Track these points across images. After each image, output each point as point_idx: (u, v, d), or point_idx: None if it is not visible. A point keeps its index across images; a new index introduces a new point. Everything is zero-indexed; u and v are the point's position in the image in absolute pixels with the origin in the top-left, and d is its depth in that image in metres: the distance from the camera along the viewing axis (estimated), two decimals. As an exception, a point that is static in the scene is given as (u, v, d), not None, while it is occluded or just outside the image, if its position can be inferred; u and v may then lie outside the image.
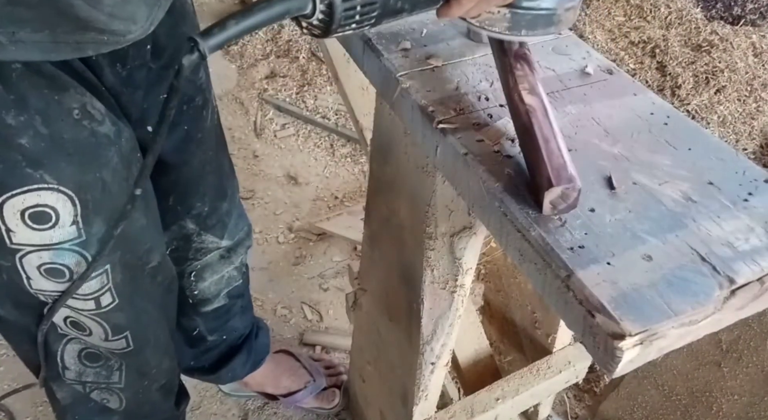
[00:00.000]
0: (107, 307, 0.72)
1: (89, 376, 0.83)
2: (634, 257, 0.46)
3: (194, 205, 0.92)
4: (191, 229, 0.94)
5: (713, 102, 2.00)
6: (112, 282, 0.70)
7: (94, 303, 0.70)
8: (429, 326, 0.77)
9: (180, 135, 0.82)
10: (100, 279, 0.69)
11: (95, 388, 0.85)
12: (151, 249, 0.75)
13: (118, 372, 0.84)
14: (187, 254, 0.97)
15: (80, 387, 0.84)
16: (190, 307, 1.05)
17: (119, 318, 0.74)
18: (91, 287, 0.69)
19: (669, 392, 1.07)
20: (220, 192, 0.96)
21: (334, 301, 1.58)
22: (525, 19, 0.51)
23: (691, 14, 2.28)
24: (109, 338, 0.76)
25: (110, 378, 0.84)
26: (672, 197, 0.52)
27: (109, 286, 0.70)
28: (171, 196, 0.88)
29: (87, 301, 0.70)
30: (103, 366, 0.82)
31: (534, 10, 0.51)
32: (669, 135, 0.58)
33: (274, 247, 1.70)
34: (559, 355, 0.99)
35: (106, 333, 0.75)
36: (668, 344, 0.44)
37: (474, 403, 0.92)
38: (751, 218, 0.50)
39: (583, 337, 0.45)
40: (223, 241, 1.00)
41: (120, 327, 0.76)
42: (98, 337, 0.75)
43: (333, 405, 1.34)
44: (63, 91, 0.59)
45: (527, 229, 0.48)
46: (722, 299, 0.45)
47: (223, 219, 0.98)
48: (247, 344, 1.20)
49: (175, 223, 0.92)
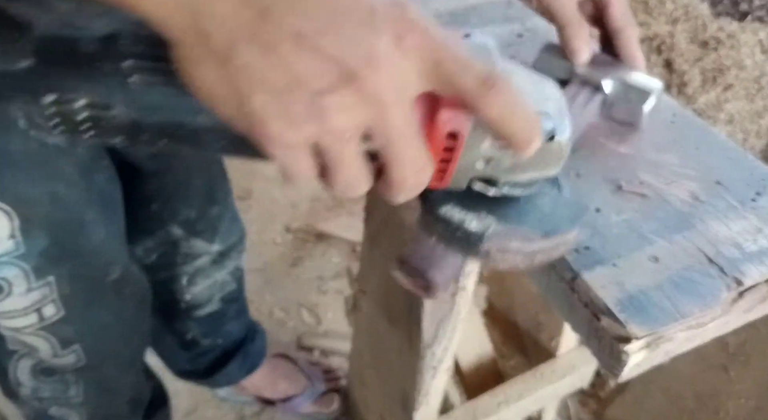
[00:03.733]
0: (51, 319, 0.69)
1: (45, 392, 0.81)
2: (641, 258, 0.46)
3: (180, 210, 0.91)
4: (178, 235, 0.93)
5: (720, 100, 1.99)
6: (59, 293, 0.68)
7: (36, 316, 0.68)
8: (430, 329, 0.77)
9: None
10: (41, 291, 0.67)
11: (53, 403, 0.83)
12: (110, 262, 0.73)
13: (75, 385, 0.82)
14: (176, 259, 0.96)
15: (37, 402, 0.82)
16: (183, 312, 1.04)
17: (66, 331, 0.72)
18: (31, 299, 0.66)
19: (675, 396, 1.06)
20: (210, 197, 0.94)
21: (333, 304, 1.57)
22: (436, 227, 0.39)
23: (697, 10, 2.26)
24: (58, 353, 0.74)
25: (67, 392, 0.82)
26: (679, 197, 0.52)
27: (52, 298, 0.68)
28: (154, 203, 0.87)
29: (28, 316, 0.67)
30: (59, 380, 0.80)
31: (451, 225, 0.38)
32: (676, 134, 0.58)
33: (271, 248, 1.69)
34: (563, 359, 0.98)
35: (53, 348, 0.73)
36: (675, 347, 0.44)
37: (476, 407, 0.92)
38: (759, 218, 0.50)
39: (589, 340, 0.45)
40: (214, 245, 0.98)
41: (68, 340, 0.74)
42: (46, 354, 0.73)
43: (331, 410, 1.33)
44: (6, 101, 0.57)
45: (529, 229, 0.47)
46: (730, 301, 0.44)
47: (213, 224, 0.96)
48: (242, 348, 1.19)
49: (161, 228, 0.91)
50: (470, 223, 0.37)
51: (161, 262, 0.95)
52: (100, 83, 0.32)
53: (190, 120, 0.33)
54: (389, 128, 0.31)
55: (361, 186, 0.33)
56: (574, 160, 0.54)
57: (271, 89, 0.29)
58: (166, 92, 0.32)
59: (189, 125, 0.33)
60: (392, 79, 0.30)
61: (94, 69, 0.32)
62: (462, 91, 0.31)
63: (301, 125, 0.30)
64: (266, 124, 0.30)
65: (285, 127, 0.30)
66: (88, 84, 0.32)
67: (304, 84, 0.29)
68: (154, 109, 0.33)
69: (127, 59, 0.32)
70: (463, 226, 0.37)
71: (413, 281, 0.41)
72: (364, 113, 0.30)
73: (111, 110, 0.32)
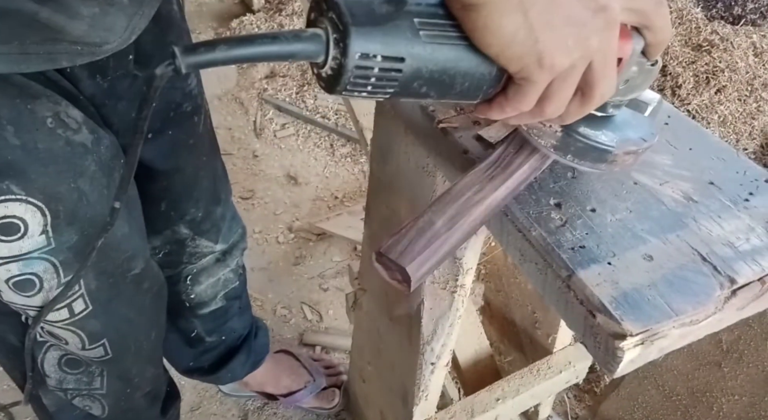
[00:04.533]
0: (80, 314, 0.71)
1: (70, 384, 0.82)
2: (635, 257, 0.46)
3: (188, 210, 0.91)
4: (185, 234, 0.93)
5: (714, 102, 2.00)
6: (85, 288, 0.69)
7: (67, 311, 0.69)
8: (429, 326, 0.77)
9: (168, 142, 0.81)
10: None
11: (77, 394, 0.84)
12: (132, 256, 0.74)
13: (100, 378, 0.83)
14: (182, 258, 0.97)
15: (62, 394, 0.83)
16: (187, 310, 1.05)
17: (94, 325, 0.73)
18: None
19: (669, 392, 1.07)
20: (214, 197, 0.95)
21: (334, 301, 1.58)
22: (576, 145, 0.46)
23: (691, 14, 2.27)
24: (86, 347, 0.75)
25: (92, 384, 0.83)
26: (673, 197, 0.52)
27: (81, 293, 0.69)
28: (163, 202, 0.87)
29: (59, 311, 0.69)
30: (84, 372, 0.81)
31: (589, 140, 0.46)
32: (669, 135, 0.58)
33: (274, 247, 1.69)
34: (559, 356, 0.99)
35: (82, 342, 0.74)
36: (669, 344, 0.44)
37: (474, 403, 0.92)
38: (751, 218, 0.50)
39: (584, 337, 0.45)
40: (218, 245, 0.99)
41: (96, 335, 0.75)
42: (75, 347, 0.74)
43: (333, 405, 1.34)
44: (35, 100, 0.58)
45: (528, 229, 0.48)
46: (723, 299, 0.45)
47: (217, 223, 0.97)
48: (246, 345, 1.20)
49: (168, 228, 0.91)
50: (601, 137, 0.46)
51: (167, 260, 0.95)
52: (397, 38, 0.37)
53: (453, 66, 0.39)
54: (610, 49, 0.40)
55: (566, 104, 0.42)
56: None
57: (556, 27, 0.38)
58: (446, 44, 0.38)
59: (451, 70, 0.39)
60: (618, 11, 0.39)
61: (393, 26, 0.36)
62: (647, 12, 0.41)
63: (573, 52, 0.39)
64: (551, 54, 0.38)
65: (563, 55, 0.38)
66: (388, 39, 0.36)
67: (574, 18, 0.38)
68: (432, 58, 0.38)
69: (417, 17, 0.37)
70: (599, 139, 0.46)
71: (391, 274, 0.43)
72: (605, 37, 0.39)
73: (402, 63, 0.37)
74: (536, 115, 0.43)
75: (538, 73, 0.39)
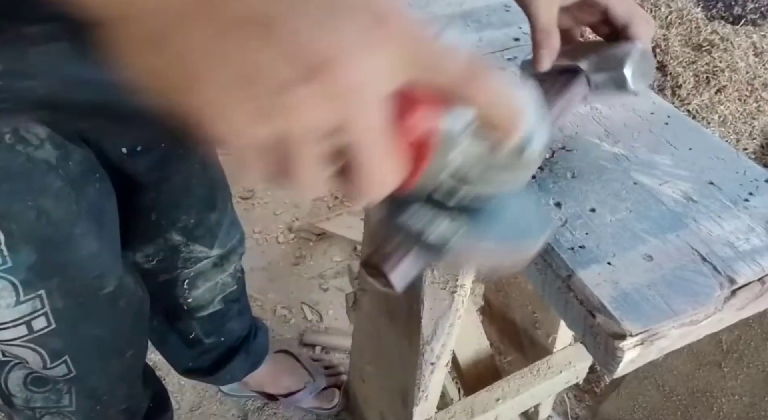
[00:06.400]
0: (41, 332, 0.69)
1: (38, 402, 0.81)
2: (635, 257, 0.46)
3: (179, 218, 0.89)
4: (178, 241, 0.92)
5: (714, 102, 2.00)
6: (50, 307, 0.68)
7: (25, 327, 0.67)
8: (429, 326, 0.77)
9: (157, 154, 0.79)
10: (31, 303, 0.66)
11: (46, 413, 0.83)
12: (102, 275, 0.72)
13: (68, 395, 0.81)
14: (176, 263, 0.96)
15: (30, 412, 0.82)
16: (185, 312, 1.04)
17: (55, 343, 0.72)
18: (20, 311, 0.66)
19: (669, 392, 1.07)
20: (209, 203, 0.93)
21: (334, 302, 1.58)
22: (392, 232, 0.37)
23: (691, 14, 2.27)
24: (48, 366, 0.73)
25: (60, 402, 0.82)
26: (672, 197, 0.52)
27: (44, 311, 0.68)
28: (153, 212, 0.86)
29: (17, 327, 0.67)
30: (51, 390, 0.80)
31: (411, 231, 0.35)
32: (669, 135, 0.59)
33: (274, 247, 1.69)
34: (559, 356, 0.99)
35: (43, 360, 0.72)
36: (669, 344, 0.44)
37: (474, 403, 0.92)
38: (751, 218, 0.50)
39: (584, 337, 0.45)
40: (214, 250, 0.98)
41: (57, 352, 0.73)
42: (36, 365, 0.73)
43: (333, 405, 1.34)
44: None
45: (527, 229, 0.48)
46: (723, 299, 0.45)
47: (212, 229, 0.95)
48: (245, 345, 1.19)
49: (159, 236, 0.90)
50: (431, 233, 0.35)
51: (162, 266, 0.94)
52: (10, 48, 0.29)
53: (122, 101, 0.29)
54: (358, 127, 0.27)
55: (320, 188, 0.30)
56: (569, 160, 0.55)
57: (226, 80, 0.25)
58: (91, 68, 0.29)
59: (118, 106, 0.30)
60: (364, 73, 0.26)
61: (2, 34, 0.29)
62: (447, 79, 0.28)
63: (259, 123, 0.26)
64: (218, 120, 0.26)
65: (240, 125, 0.26)
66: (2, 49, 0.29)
67: (264, 75, 0.25)
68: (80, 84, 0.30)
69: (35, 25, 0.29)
70: (423, 236, 0.35)
71: (377, 280, 0.40)
72: (332, 110, 0.26)
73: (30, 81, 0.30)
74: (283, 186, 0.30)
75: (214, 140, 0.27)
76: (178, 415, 1.34)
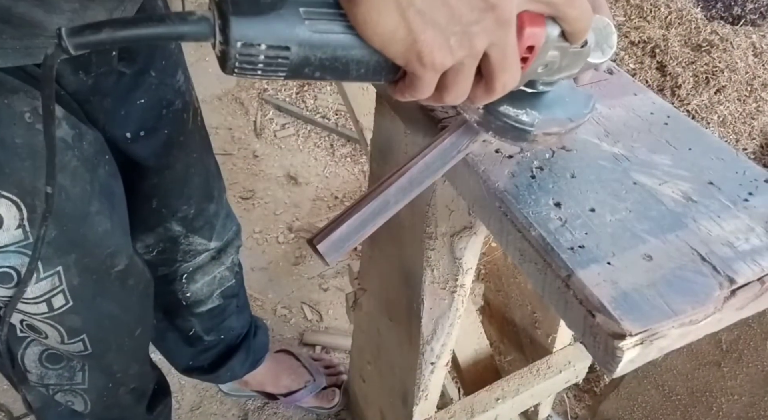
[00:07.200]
0: (60, 309, 0.70)
1: (51, 379, 0.82)
2: (635, 257, 0.46)
3: (179, 207, 0.91)
4: (178, 232, 0.93)
5: (713, 102, 2.00)
6: (67, 284, 0.69)
7: (45, 305, 0.69)
8: (429, 326, 0.77)
9: (160, 139, 0.81)
10: (50, 280, 0.68)
11: (59, 390, 0.84)
12: (115, 252, 0.74)
13: (81, 373, 0.83)
14: (176, 256, 0.97)
15: (44, 389, 0.83)
16: (184, 308, 1.05)
17: (74, 321, 0.73)
18: (41, 288, 0.67)
19: (669, 392, 1.07)
20: (207, 194, 0.95)
21: (334, 301, 1.58)
22: (496, 123, 0.47)
23: (691, 14, 2.28)
24: (65, 341, 0.75)
25: (73, 379, 0.83)
26: (672, 197, 0.52)
27: (62, 288, 0.69)
28: (154, 199, 0.87)
29: (38, 304, 0.68)
30: (65, 367, 0.81)
31: (509, 120, 0.47)
32: (669, 135, 0.58)
33: (274, 247, 1.70)
34: (559, 355, 0.99)
35: (61, 336, 0.74)
36: (668, 344, 0.44)
37: (474, 403, 0.92)
38: (751, 218, 0.50)
39: (584, 336, 0.45)
40: (212, 242, 0.99)
41: (75, 330, 0.75)
42: (54, 340, 0.74)
43: (333, 404, 1.34)
44: (12, 95, 0.57)
45: (527, 228, 0.48)
46: (722, 299, 0.45)
47: (210, 221, 0.97)
48: (245, 343, 1.20)
49: (160, 225, 0.91)
50: (522, 116, 0.46)
51: (161, 258, 0.95)
52: (280, 27, 0.37)
53: (344, 54, 0.39)
54: (508, 45, 0.40)
55: (465, 96, 0.43)
56: (568, 160, 0.55)
57: (438, 26, 0.37)
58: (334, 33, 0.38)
59: (343, 58, 0.39)
60: (511, 8, 0.39)
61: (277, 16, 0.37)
62: (555, 3, 0.41)
63: (456, 51, 0.39)
64: (431, 54, 0.38)
65: (444, 55, 0.38)
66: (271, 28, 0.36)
67: (458, 18, 0.38)
68: (320, 47, 0.38)
69: (303, 6, 0.37)
70: (519, 119, 0.46)
71: (319, 257, 0.48)
72: (497, 35, 0.39)
73: (288, 51, 0.37)
74: (438, 101, 0.43)
75: (422, 70, 0.40)
76: (178, 415, 1.35)
